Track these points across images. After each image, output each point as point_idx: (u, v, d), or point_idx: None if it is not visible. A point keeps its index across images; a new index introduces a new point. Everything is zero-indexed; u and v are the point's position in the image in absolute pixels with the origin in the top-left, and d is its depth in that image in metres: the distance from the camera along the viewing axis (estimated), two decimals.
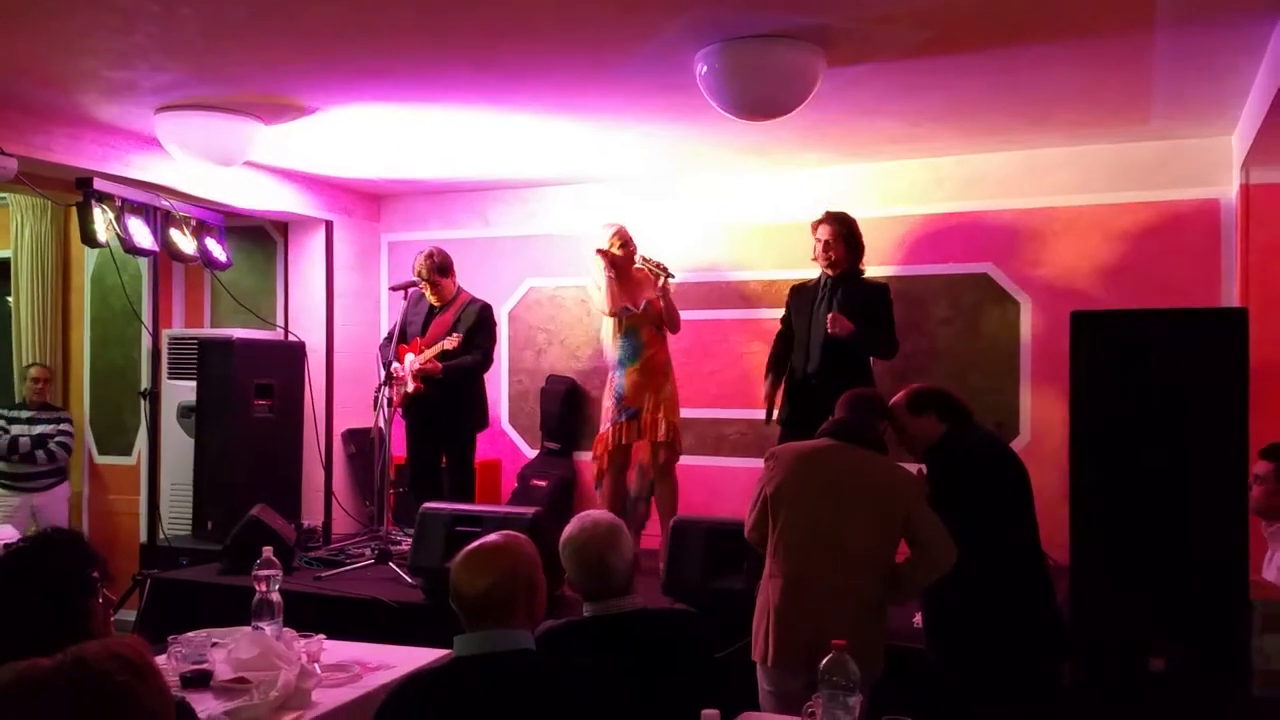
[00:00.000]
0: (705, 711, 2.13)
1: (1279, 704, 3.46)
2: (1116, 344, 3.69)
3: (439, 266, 5.75)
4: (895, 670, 3.39)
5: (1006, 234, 5.79)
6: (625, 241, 5.50)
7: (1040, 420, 5.65)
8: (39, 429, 6.80)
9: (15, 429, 6.77)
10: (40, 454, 6.72)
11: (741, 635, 3.64)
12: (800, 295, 5.33)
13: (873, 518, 3.33)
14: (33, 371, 7.00)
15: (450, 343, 5.53)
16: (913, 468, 3.60)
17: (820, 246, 5.18)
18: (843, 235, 5.18)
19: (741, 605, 3.83)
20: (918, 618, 3.80)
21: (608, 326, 5.60)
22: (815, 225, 5.26)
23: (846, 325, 4.96)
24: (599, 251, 5.46)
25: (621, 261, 5.47)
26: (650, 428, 5.41)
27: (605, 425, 5.53)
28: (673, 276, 5.45)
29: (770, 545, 3.45)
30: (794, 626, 3.28)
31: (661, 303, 5.45)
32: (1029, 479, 3.55)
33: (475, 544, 2.31)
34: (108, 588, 2.28)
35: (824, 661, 2.29)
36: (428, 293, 5.76)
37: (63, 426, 6.90)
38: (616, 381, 5.53)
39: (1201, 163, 5.43)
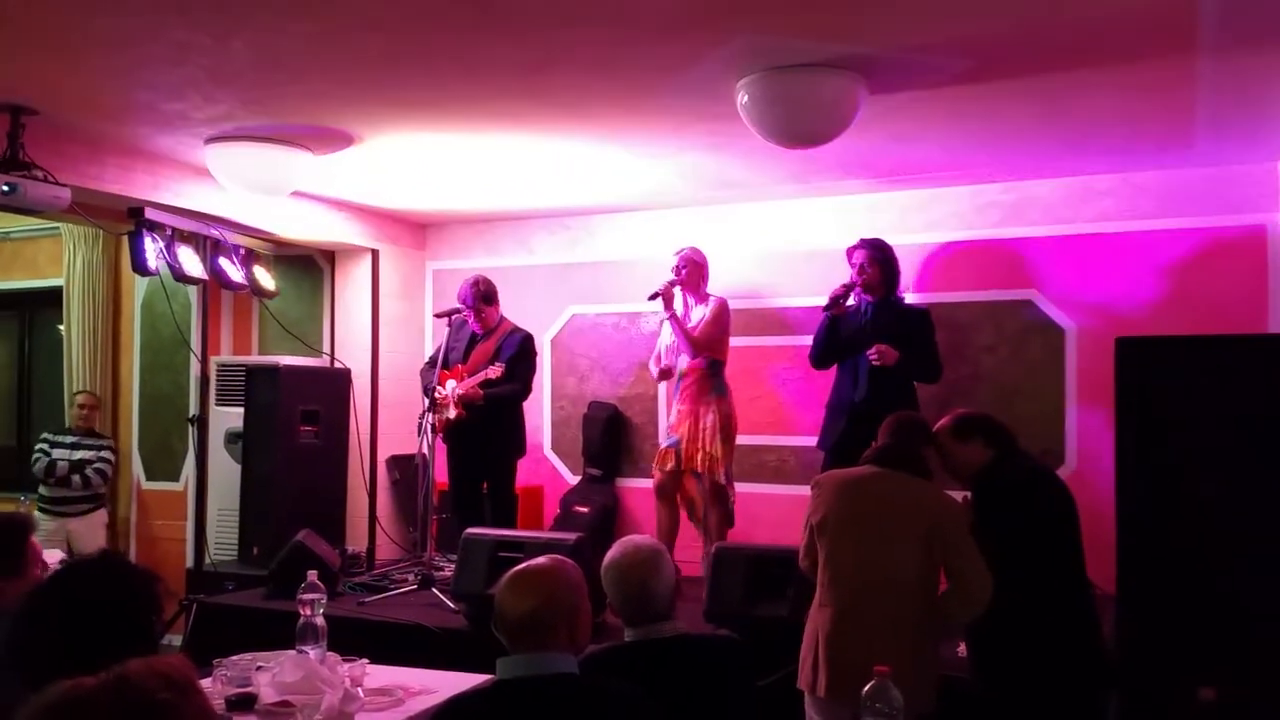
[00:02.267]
0: None
1: None
2: (1163, 370, 3.64)
3: (484, 294, 5.81)
4: (941, 699, 3.35)
5: (1050, 260, 5.75)
6: (680, 266, 5.58)
7: (1086, 447, 5.58)
8: (79, 454, 6.88)
9: (57, 453, 6.85)
10: (76, 479, 6.79)
11: (785, 663, 3.61)
12: (842, 317, 5.31)
13: (917, 545, 3.29)
14: (80, 398, 7.10)
15: (494, 372, 5.57)
16: (958, 494, 3.57)
17: (855, 270, 5.21)
18: (877, 259, 5.21)
19: (784, 633, 3.81)
20: (962, 647, 3.76)
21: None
22: (850, 251, 5.31)
23: (892, 355, 5.00)
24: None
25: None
26: (688, 459, 5.42)
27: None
28: (654, 297, 5.49)
29: (819, 574, 3.43)
30: (845, 656, 3.25)
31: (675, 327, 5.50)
32: (1076, 507, 3.51)
33: (521, 566, 2.32)
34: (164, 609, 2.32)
35: (866, 688, 2.27)
36: (470, 319, 5.81)
37: (103, 454, 6.97)
38: (672, 408, 5.66)
39: (1247, 188, 5.38)
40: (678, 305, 5.56)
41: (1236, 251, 5.39)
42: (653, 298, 5.49)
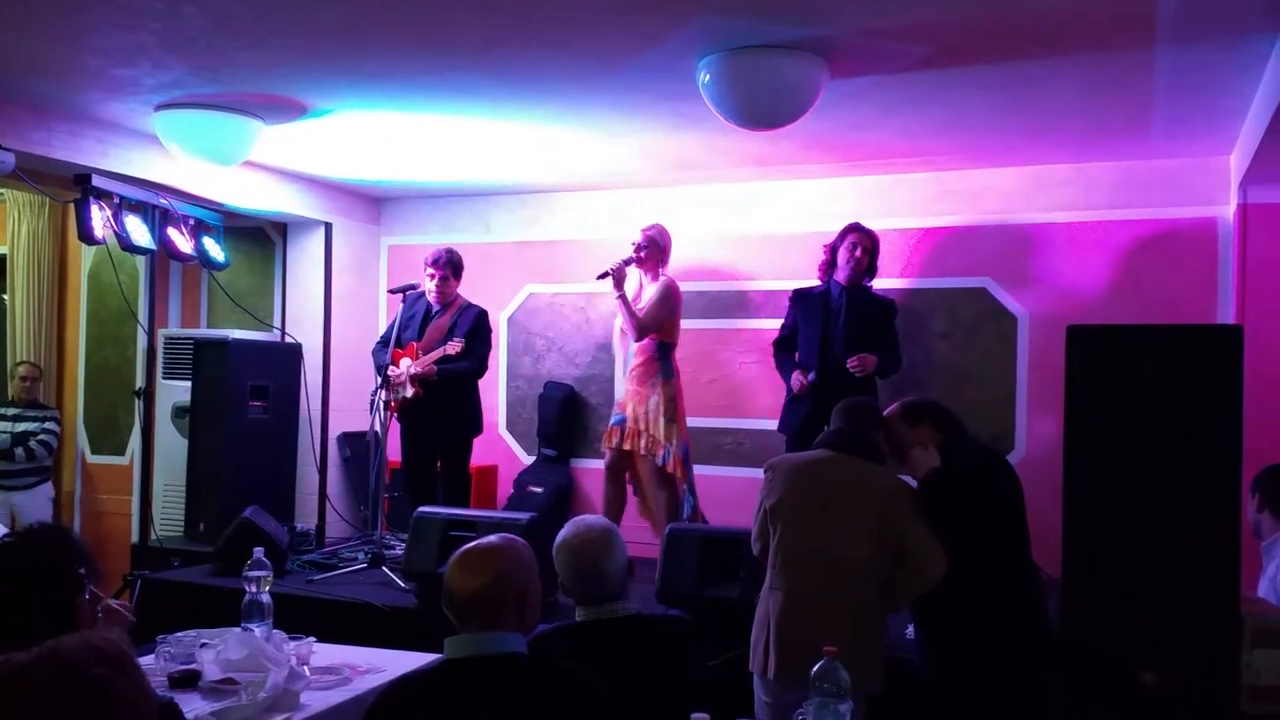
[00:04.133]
0: (695, 715, 2.11)
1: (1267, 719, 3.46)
2: (1112, 359, 3.67)
3: (455, 264, 5.76)
4: (887, 680, 3.38)
5: (1005, 249, 5.80)
6: (641, 245, 5.50)
7: (1036, 434, 5.65)
8: (22, 426, 6.74)
9: None
10: (19, 451, 6.65)
11: (736, 644, 3.63)
12: (807, 302, 5.32)
13: (870, 529, 3.33)
14: (21, 369, 6.94)
15: (452, 347, 5.50)
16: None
17: (855, 253, 5.22)
18: (869, 248, 5.25)
19: (736, 614, 3.83)
20: (910, 629, 3.79)
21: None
22: (844, 233, 5.32)
23: (871, 362, 5.08)
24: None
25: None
26: (633, 437, 5.36)
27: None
28: (604, 276, 5.38)
29: (770, 557, 3.45)
30: (795, 639, 3.27)
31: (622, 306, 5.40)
32: (1022, 491, 3.55)
33: (471, 544, 2.29)
34: (96, 585, 2.26)
35: (815, 668, 2.28)
36: (432, 286, 5.71)
37: (47, 425, 6.84)
38: (621, 386, 5.55)
39: (1200, 181, 5.45)
40: (632, 285, 5.48)
41: (1188, 243, 5.46)
42: (601, 277, 5.38)
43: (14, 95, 4.70)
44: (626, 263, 5.42)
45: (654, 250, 5.49)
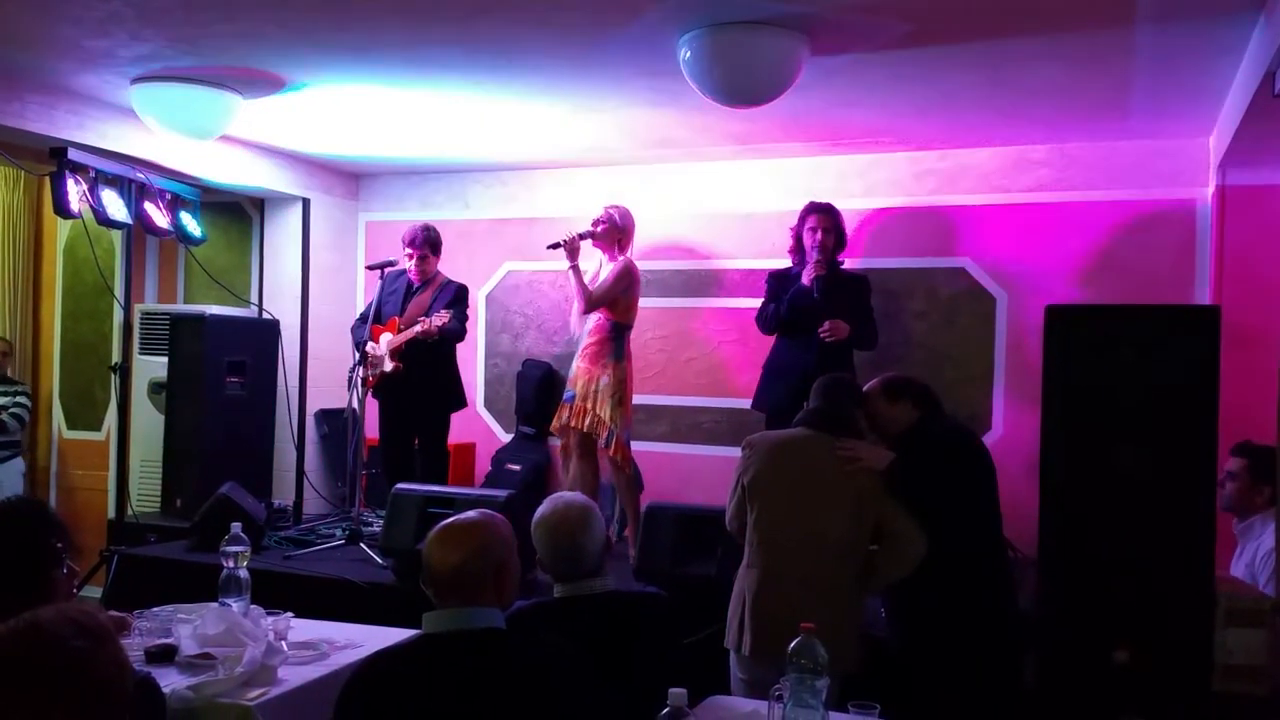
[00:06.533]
0: (673, 690, 2.12)
1: (1239, 698, 3.49)
2: (1090, 339, 3.69)
3: (433, 241, 5.73)
4: (867, 660, 3.40)
5: (984, 229, 5.81)
6: (599, 220, 5.36)
7: (1013, 414, 5.68)
8: None
9: None
10: None
11: (712, 621, 3.65)
12: (783, 285, 5.29)
13: (848, 508, 3.34)
14: None
15: (439, 319, 5.44)
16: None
17: (817, 236, 5.17)
18: (833, 226, 5.21)
19: (712, 591, 3.85)
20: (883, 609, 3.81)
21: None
22: (803, 216, 5.27)
23: (843, 330, 5.05)
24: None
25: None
26: (579, 415, 5.21)
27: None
28: (554, 246, 5.27)
29: (748, 534, 3.46)
30: (771, 616, 3.28)
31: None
32: (995, 469, 3.57)
33: (449, 520, 2.29)
34: (71, 559, 2.25)
35: (792, 645, 2.29)
36: (411, 265, 5.68)
37: (18, 399, 6.79)
38: (573, 363, 5.43)
39: (1179, 163, 5.47)
40: (594, 265, 5.34)
41: (1166, 224, 5.49)
42: (552, 247, 5.25)
43: None
44: (582, 236, 5.28)
45: (612, 229, 5.32)
